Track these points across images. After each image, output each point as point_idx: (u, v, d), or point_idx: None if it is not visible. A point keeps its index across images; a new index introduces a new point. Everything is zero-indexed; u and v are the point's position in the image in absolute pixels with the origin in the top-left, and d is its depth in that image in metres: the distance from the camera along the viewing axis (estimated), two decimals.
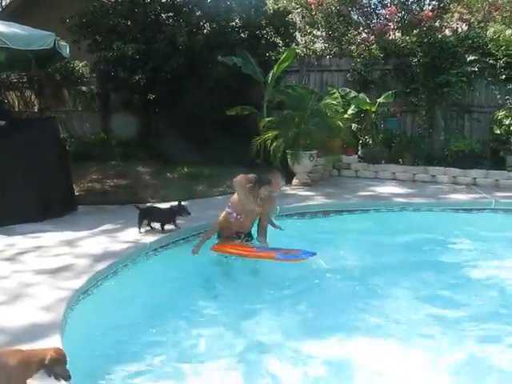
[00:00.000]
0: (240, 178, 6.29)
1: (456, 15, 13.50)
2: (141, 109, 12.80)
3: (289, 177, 10.37)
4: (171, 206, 6.89)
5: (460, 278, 6.03)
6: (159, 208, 7.07)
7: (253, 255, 6.09)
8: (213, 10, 11.73)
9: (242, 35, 12.51)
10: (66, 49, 7.96)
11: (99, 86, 13.93)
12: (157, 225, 6.79)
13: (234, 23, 12.46)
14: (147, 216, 6.76)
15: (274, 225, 6.64)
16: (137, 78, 11.52)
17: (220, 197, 9.22)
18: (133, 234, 6.59)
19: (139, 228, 6.68)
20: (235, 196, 6.34)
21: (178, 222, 6.80)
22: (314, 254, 5.91)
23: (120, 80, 12.11)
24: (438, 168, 10.97)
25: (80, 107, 14.58)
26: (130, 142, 12.48)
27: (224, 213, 6.34)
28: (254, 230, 6.55)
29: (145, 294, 5.27)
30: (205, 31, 12.34)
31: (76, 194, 8.81)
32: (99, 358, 4.11)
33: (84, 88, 14.19)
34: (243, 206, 6.17)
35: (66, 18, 11.59)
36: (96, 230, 6.81)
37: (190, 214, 6.72)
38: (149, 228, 6.77)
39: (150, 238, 6.42)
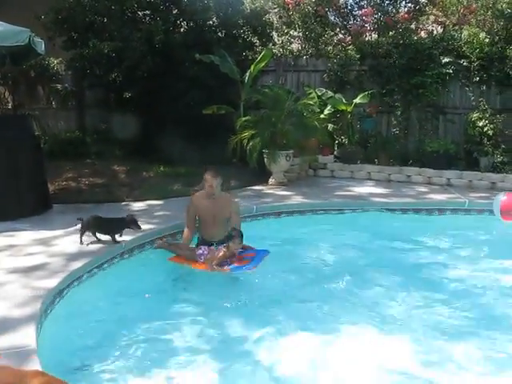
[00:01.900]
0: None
1: (431, 18, 13.64)
2: (117, 107, 12.71)
3: (265, 176, 10.42)
4: (124, 217, 6.36)
5: (433, 278, 6.11)
6: (107, 218, 6.42)
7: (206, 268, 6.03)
8: (190, 9, 11.66)
9: (219, 34, 12.46)
10: (41, 45, 7.83)
11: (74, 84, 13.79)
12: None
13: (211, 22, 12.40)
14: (92, 227, 6.20)
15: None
16: (113, 76, 11.40)
17: None
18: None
19: (80, 240, 6.13)
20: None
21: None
22: (267, 252, 6.07)
23: (96, 78, 11.98)
24: (412, 168, 11.09)
25: (55, 105, 14.42)
26: (105, 140, 12.38)
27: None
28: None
29: (119, 293, 5.22)
30: (182, 30, 12.27)
31: (51, 192, 8.70)
32: (75, 355, 4.08)
33: (59, 85, 14.03)
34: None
35: (41, 15, 11.43)
36: (71, 228, 6.71)
37: (140, 228, 6.28)
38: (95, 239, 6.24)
39: (126, 237, 6.36)
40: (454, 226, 8.30)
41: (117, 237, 6.15)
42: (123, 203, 8.58)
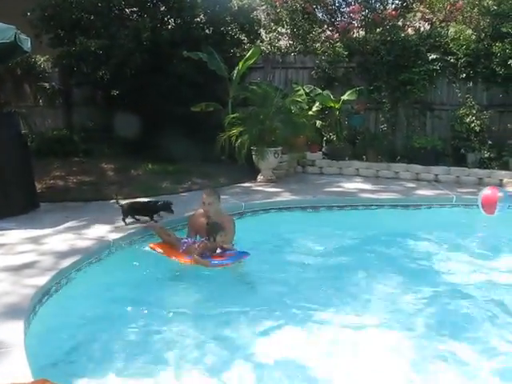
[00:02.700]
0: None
1: (418, 14, 13.66)
2: (104, 105, 12.66)
3: (254, 173, 10.44)
4: (158, 201, 7.16)
5: (422, 272, 6.14)
6: (144, 202, 7.30)
7: (185, 261, 5.97)
8: (177, 6, 11.62)
9: (207, 31, 12.44)
10: (27, 43, 7.76)
11: (61, 82, 13.70)
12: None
13: (198, 19, 12.37)
14: (131, 211, 6.91)
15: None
16: (100, 73, 11.36)
17: (185, 193, 9.22)
18: (97, 231, 6.51)
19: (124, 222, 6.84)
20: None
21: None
22: (246, 254, 5.96)
23: (83, 75, 11.92)
24: (400, 164, 11.17)
25: (42, 103, 14.33)
26: (93, 138, 12.32)
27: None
28: None
29: (108, 291, 5.21)
30: (169, 27, 12.23)
31: (38, 191, 8.64)
32: (63, 353, 4.06)
33: (46, 83, 13.94)
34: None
35: (28, 12, 11.36)
36: (60, 227, 6.70)
37: (173, 213, 6.93)
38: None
39: (114, 235, 6.35)
40: (441, 221, 8.37)
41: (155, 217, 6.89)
42: (112, 201, 8.53)
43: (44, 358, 3.81)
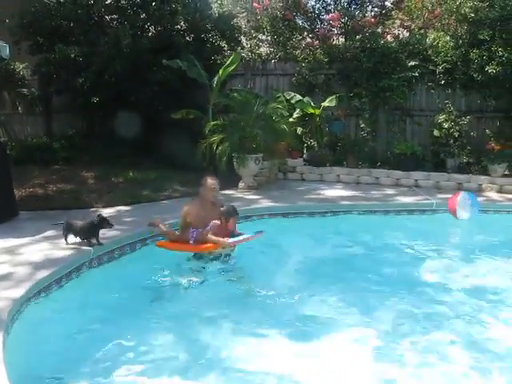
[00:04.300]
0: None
1: (397, 22, 13.81)
2: (84, 112, 12.59)
3: (235, 180, 10.43)
4: (92, 219, 6.33)
5: (402, 278, 6.17)
6: (79, 222, 6.38)
7: (200, 249, 6.05)
8: (158, 13, 11.61)
9: (188, 38, 12.44)
10: (5, 50, 7.74)
11: (41, 89, 13.59)
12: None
13: (179, 26, 12.38)
14: (68, 230, 6.25)
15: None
16: (80, 80, 11.28)
17: (165, 201, 9.19)
18: (76, 240, 6.43)
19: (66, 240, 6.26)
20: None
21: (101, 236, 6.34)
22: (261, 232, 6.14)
23: (63, 83, 11.85)
24: (381, 170, 11.26)
25: (21, 110, 14.21)
26: (73, 145, 12.24)
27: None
28: None
29: (88, 302, 5.15)
30: (150, 34, 12.22)
31: (17, 199, 8.54)
32: (42, 365, 4.02)
33: (25, 90, 13.82)
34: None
35: (6, 18, 11.28)
36: (38, 236, 6.62)
37: (112, 225, 6.30)
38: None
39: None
40: (422, 227, 8.44)
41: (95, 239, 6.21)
42: (92, 209, 8.48)
43: (23, 370, 3.77)
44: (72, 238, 6.22)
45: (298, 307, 5.21)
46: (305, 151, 11.98)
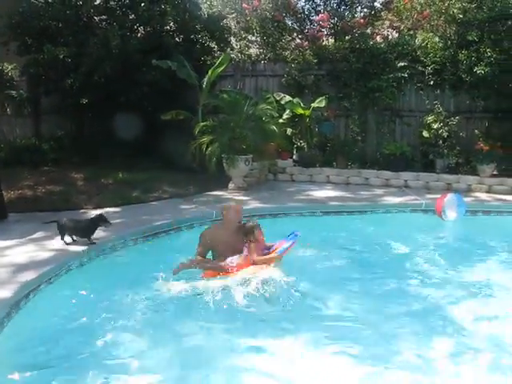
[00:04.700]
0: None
1: (387, 23, 13.83)
2: (74, 113, 12.54)
3: (225, 181, 10.43)
4: (90, 217, 6.66)
5: (391, 278, 6.16)
6: (77, 221, 6.67)
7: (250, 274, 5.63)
8: (147, 14, 11.58)
9: (177, 39, 12.43)
10: None
11: (29, 90, 13.52)
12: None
13: (168, 27, 12.36)
14: (65, 229, 6.41)
15: None
16: (69, 81, 11.24)
17: (155, 202, 9.18)
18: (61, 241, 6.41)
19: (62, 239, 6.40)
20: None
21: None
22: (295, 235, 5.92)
23: (51, 84, 11.78)
24: (370, 171, 11.29)
25: (10, 111, 14.11)
26: (62, 147, 12.19)
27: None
28: None
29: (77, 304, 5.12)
30: (139, 35, 12.19)
31: (6, 201, 8.48)
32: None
33: (14, 92, 13.74)
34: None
35: None
36: (26, 238, 6.60)
37: (110, 223, 6.49)
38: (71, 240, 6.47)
39: (84, 246, 6.27)
40: (411, 227, 8.45)
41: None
42: (81, 211, 8.45)
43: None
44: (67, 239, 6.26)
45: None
46: (295, 152, 12.00)
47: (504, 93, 11.15)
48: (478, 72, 10.96)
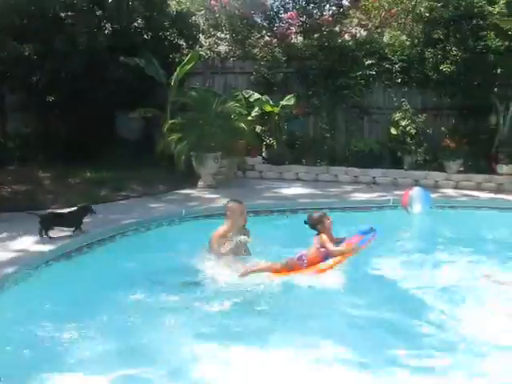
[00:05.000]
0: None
1: (355, 21, 13.86)
2: (40, 111, 12.34)
3: (194, 179, 10.39)
4: (77, 208, 6.98)
5: (361, 276, 6.17)
6: (65, 212, 7.04)
7: (324, 269, 5.50)
8: (114, 11, 11.45)
9: (145, 36, 12.32)
10: None
11: None
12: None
13: (136, 24, 12.25)
14: (51, 221, 6.58)
15: None
16: (35, 78, 11.06)
17: (123, 201, 9.09)
18: (31, 243, 6.31)
19: (43, 235, 6.46)
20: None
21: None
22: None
23: (16, 81, 11.59)
24: (339, 168, 11.38)
25: None
26: (29, 145, 11.99)
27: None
28: None
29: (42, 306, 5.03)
30: (106, 32, 12.04)
31: None
32: None
33: None
34: None
35: None
36: None
37: (95, 212, 6.86)
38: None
39: (50, 246, 6.19)
40: (379, 223, 8.50)
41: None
42: (48, 211, 8.31)
43: None
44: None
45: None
46: (264, 149, 12.00)
47: (469, 90, 11.33)
48: (444, 70, 11.14)
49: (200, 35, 13.69)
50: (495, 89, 11.33)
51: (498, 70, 11.03)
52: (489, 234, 8.11)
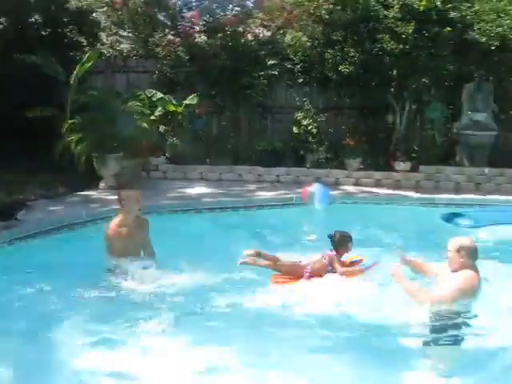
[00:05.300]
0: None
1: (258, 21, 13.99)
2: None
3: (96, 180, 10.16)
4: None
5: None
6: None
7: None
8: (8, 4, 10.95)
9: (43, 32, 11.90)
10: None
11: None
12: None
13: (33, 19, 11.79)
14: None
15: None
16: None
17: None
18: None
19: None
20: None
21: None
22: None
23: None
24: (243, 167, 11.49)
25: None
26: None
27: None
28: None
29: None
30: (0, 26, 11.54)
31: None
32: None
33: None
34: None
35: None
36: None
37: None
38: None
39: None
40: (282, 221, 8.69)
41: None
42: None
43: None
44: None
45: None
46: (167, 149, 11.89)
47: (367, 91, 11.74)
48: (343, 70, 11.44)
49: (101, 33, 13.37)
50: (392, 89, 11.75)
51: (394, 72, 11.45)
52: (388, 228, 8.34)
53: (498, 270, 5.67)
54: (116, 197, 5.96)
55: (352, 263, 5.83)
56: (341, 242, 5.69)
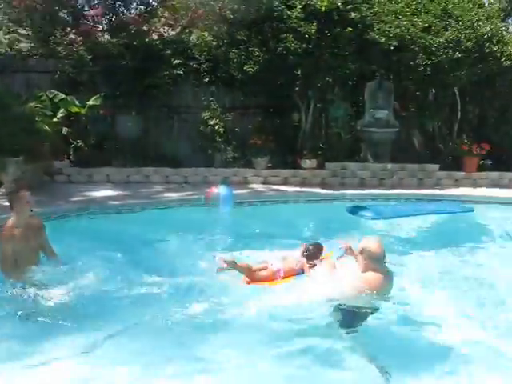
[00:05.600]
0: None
1: (162, 20, 13.87)
2: None
3: None
4: None
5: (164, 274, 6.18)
6: None
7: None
8: None
9: None
10: None
11: None
12: None
13: None
14: None
15: None
16: None
17: None
18: None
19: None
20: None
21: None
22: None
23: None
24: (150, 168, 11.37)
25: None
26: None
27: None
28: None
29: None
30: None
31: None
32: None
33: None
34: None
35: None
36: None
37: None
38: None
39: None
40: (190, 221, 8.67)
41: None
42: None
43: None
44: None
45: None
46: (71, 152, 11.57)
47: (272, 90, 11.91)
48: (248, 70, 11.52)
49: None
50: (296, 88, 11.96)
51: (299, 71, 11.65)
52: (297, 224, 8.51)
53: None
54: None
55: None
56: (315, 253, 6.00)
